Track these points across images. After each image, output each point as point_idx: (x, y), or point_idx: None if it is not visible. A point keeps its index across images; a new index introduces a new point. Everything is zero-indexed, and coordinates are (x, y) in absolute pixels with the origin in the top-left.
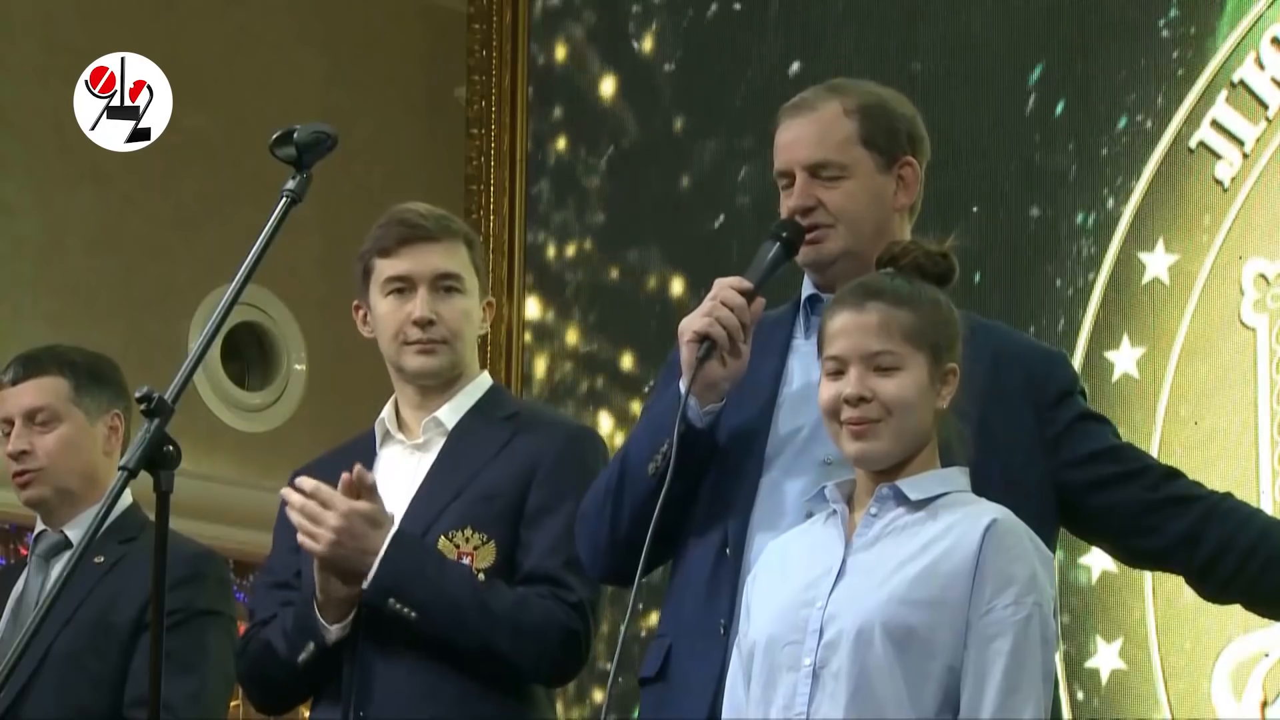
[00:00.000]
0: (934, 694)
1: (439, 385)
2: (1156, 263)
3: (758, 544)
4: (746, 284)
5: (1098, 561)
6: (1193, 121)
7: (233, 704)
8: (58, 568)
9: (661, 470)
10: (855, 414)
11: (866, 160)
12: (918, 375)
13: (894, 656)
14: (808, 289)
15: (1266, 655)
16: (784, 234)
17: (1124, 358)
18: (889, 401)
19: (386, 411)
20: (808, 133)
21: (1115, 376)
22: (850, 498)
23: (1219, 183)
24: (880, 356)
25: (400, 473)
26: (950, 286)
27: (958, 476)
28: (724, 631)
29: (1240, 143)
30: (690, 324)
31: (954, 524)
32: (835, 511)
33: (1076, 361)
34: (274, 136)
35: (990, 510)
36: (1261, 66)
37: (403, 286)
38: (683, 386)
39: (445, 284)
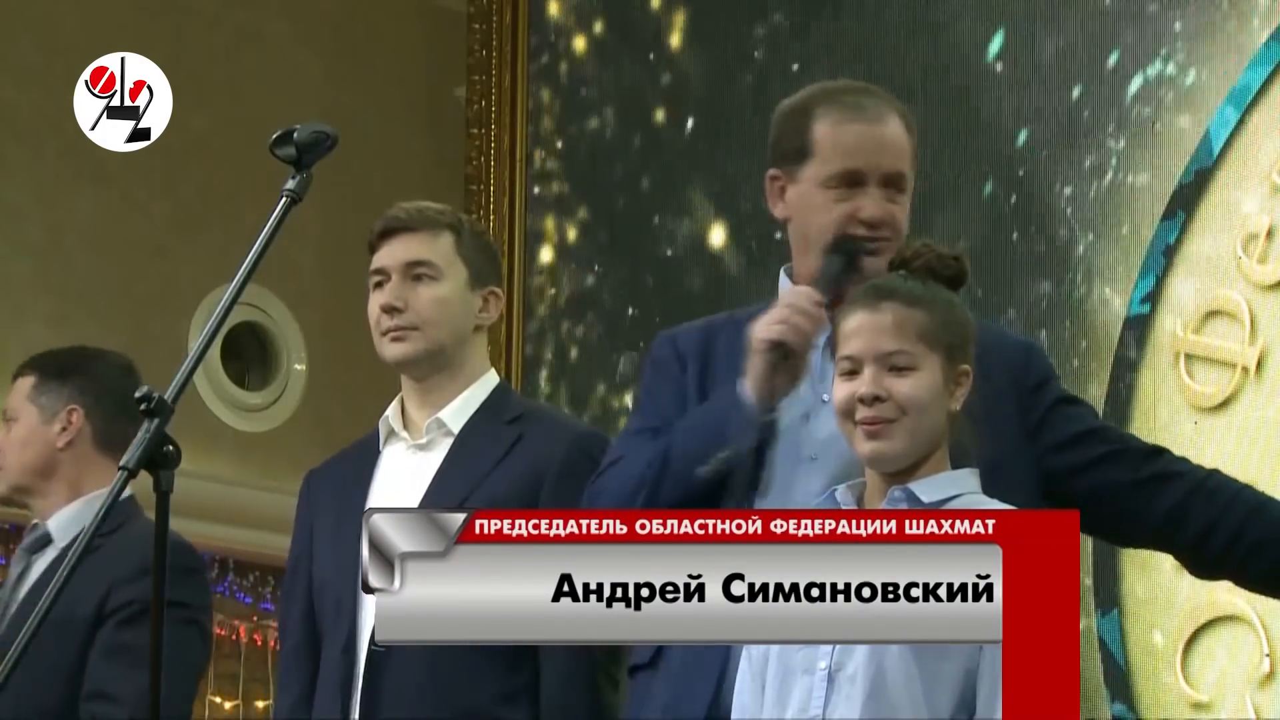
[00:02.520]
0: (949, 695)
1: (428, 375)
2: None
3: None
4: (818, 296)
5: None
6: None
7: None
8: (39, 563)
9: (721, 475)
10: (870, 413)
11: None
12: (932, 375)
13: (910, 658)
14: None
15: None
16: (847, 248)
17: None
18: (903, 401)
19: (391, 410)
20: (890, 142)
21: None
22: (861, 500)
23: None
24: (895, 356)
25: (403, 472)
26: (961, 289)
27: (969, 478)
28: None
29: None
30: (763, 331)
31: None
32: None
33: None
34: (274, 136)
35: None
36: None
37: (380, 279)
38: (747, 390)
39: (415, 272)
